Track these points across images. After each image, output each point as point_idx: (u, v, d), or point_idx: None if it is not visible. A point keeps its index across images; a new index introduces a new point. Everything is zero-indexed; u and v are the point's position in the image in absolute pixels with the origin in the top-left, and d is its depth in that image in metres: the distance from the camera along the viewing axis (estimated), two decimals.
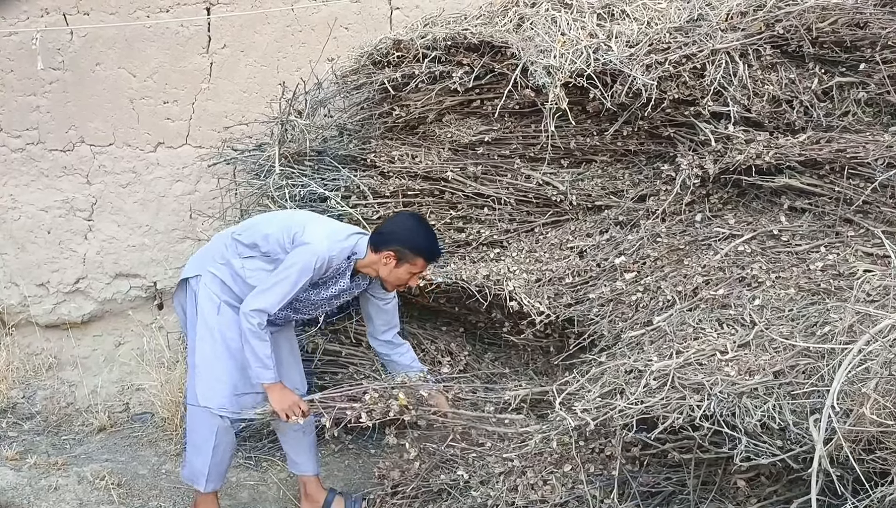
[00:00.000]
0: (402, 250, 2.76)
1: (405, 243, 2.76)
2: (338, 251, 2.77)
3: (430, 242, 2.82)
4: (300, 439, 3.05)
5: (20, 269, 4.23)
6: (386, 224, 2.89)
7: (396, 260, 2.77)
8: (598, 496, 2.65)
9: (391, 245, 2.77)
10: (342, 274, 2.85)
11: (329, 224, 2.91)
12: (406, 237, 2.77)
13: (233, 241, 2.90)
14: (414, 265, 2.80)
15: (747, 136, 3.13)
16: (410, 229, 2.81)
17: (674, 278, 3.04)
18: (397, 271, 2.80)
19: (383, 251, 2.77)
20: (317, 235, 2.77)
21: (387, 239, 2.78)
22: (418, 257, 2.79)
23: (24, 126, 4.14)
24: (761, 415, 2.20)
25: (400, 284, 2.86)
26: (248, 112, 4.07)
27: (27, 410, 4.01)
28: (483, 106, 3.47)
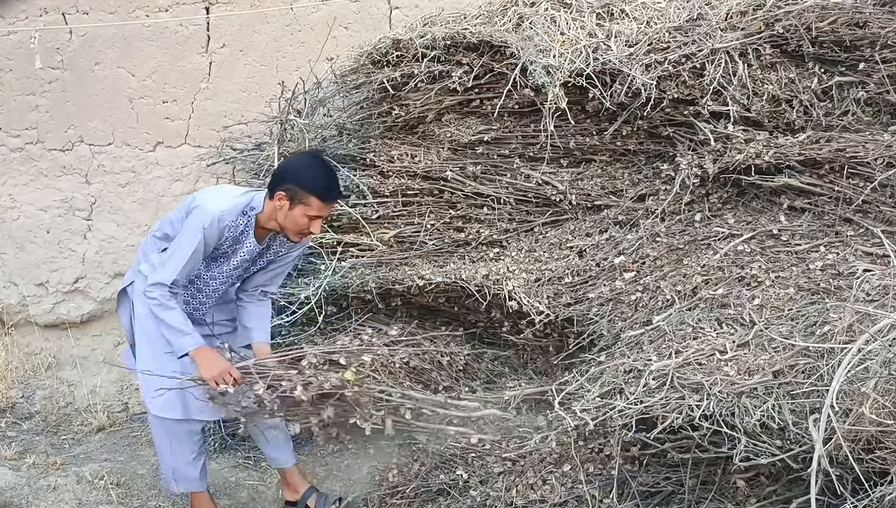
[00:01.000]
0: (293, 189, 2.57)
1: (297, 181, 2.57)
2: (228, 208, 2.61)
3: (323, 178, 2.61)
4: (273, 435, 3.00)
5: (19, 268, 4.23)
6: (282, 164, 2.72)
7: (289, 200, 2.59)
8: (598, 495, 2.65)
9: (282, 185, 2.59)
10: (245, 235, 2.70)
11: (224, 188, 2.81)
12: (299, 174, 2.59)
13: (152, 239, 2.85)
14: (308, 206, 2.59)
15: (747, 135, 3.13)
16: (302, 165, 2.63)
17: (673, 277, 3.03)
18: (292, 213, 2.60)
19: (275, 193, 2.60)
20: (205, 198, 2.65)
21: (278, 179, 2.61)
22: (311, 196, 2.58)
23: (24, 125, 4.14)
24: (761, 415, 2.20)
25: (299, 229, 2.64)
26: (248, 111, 4.07)
27: (26, 410, 4.01)
28: (482, 105, 3.47)
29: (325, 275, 3.32)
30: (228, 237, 2.67)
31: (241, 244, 2.72)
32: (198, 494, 2.96)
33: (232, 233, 2.67)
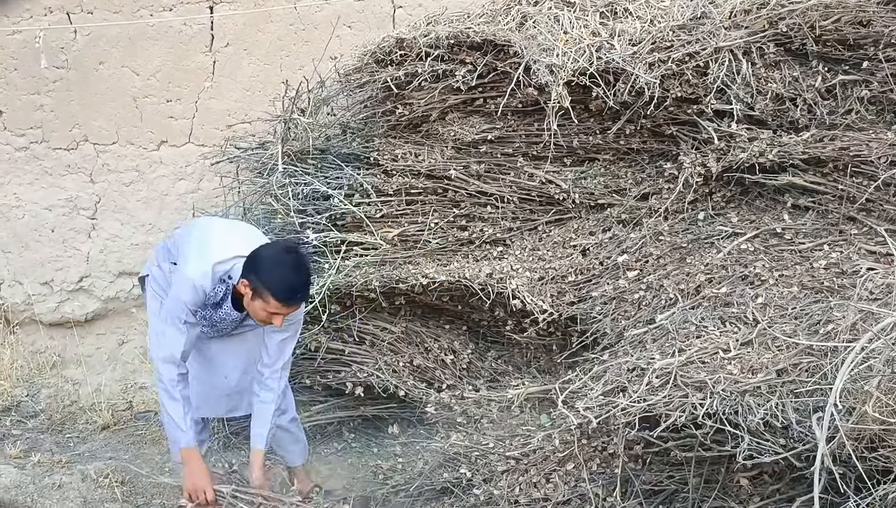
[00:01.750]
0: (256, 282, 2.47)
1: (260, 275, 2.46)
2: (205, 278, 2.54)
3: (287, 281, 2.47)
4: (282, 436, 3.03)
5: (24, 267, 4.24)
6: (257, 249, 2.55)
7: (252, 291, 2.49)
8: (601, 494, 2.65)
9: (249, 275, 2.49)
10: (224, 300, 2.65)
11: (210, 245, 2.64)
12: (263, 269, 2.46)
13: (164, 246, 2.88)
14: (267, 303, 2.47)
15: (750, 134, 3.12)
16: (272, 261, 2.48)
17: (676, 276, 3.03)
18: (253, 304, 2.50)
19: (242, 279, 2.52)
20: (189, 261, 2.58)
21: (248, 266, 2.50)
22: (269, 294, 2.46)
23: (28, 125, 4.15)
24: (764, 413, 2.20)
25: (260, 320, 2.56)
26: (251, 110, 4.07)
27: (31, 408, 4.02)
28: (486, 104, 3.47)
29: (329, 274, 3.32)
30: (210, 298, 2.63)
31: (220, 308, 2.69)
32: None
33: (211, 299, 2.63)
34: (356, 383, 3.37)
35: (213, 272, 2.56)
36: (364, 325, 3.46)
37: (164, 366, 2.59)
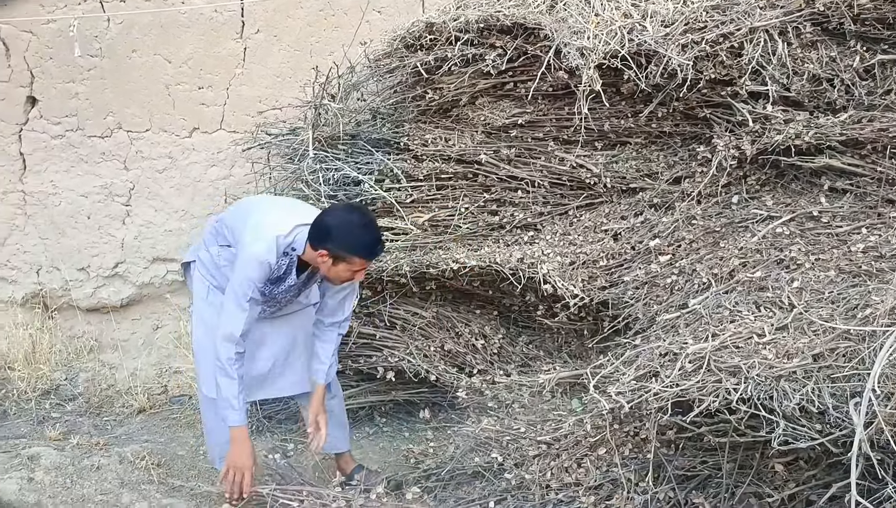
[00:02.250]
0: (337, 250, 2.57)
1: (339, 243, 2.56)
2: (271, 253, 2.60)
3: (365, 238, 2.59)
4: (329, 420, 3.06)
5: (61, 254, 4.30)
6: (320, 218, 2.63)
7: (332, 259, 2.58)
8: (633, 479, 2.64)
9: (324, 244, 2.57)
10: (287, 271, 2.71)
11: (269, 218, 2.69)
12: (340, 236, 2.56)
13: (212, 228, 2.88)
14: (352, 264, 2.60)
15: (786, 115, 3.07)
16: (343, 225, 2.57)
17: (710, 260, 3.00)
18: (336, 268, 2.61)
19: (318, 250, 2.59)
20: (252, 238, 2.62)
21: (320, 237, 2.58)
22: (354, 257, 2.58)
23: (64, 113, 4.20)
24: (800, 398, 2.17)
25: (343, 280, 2.68)
26: (282, 97, 4.09)
27: (70, 391, 4.10)
28: (516, 88, 3.45)
29: None
30: (274, 272, 2.69)
31: (284, 280, 2.75)
32: None
33: (276, 273, 2.69)
34: (387, 367, 3.39)
35: (277, 246, 2.62)
36: (395, 310, 3.47)
37: (223, 344, 2.63)
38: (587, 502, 2.66)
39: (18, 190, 4.28)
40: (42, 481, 3.08)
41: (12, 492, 2.97)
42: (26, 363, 4.08)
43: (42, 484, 3.06)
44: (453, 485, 2.99)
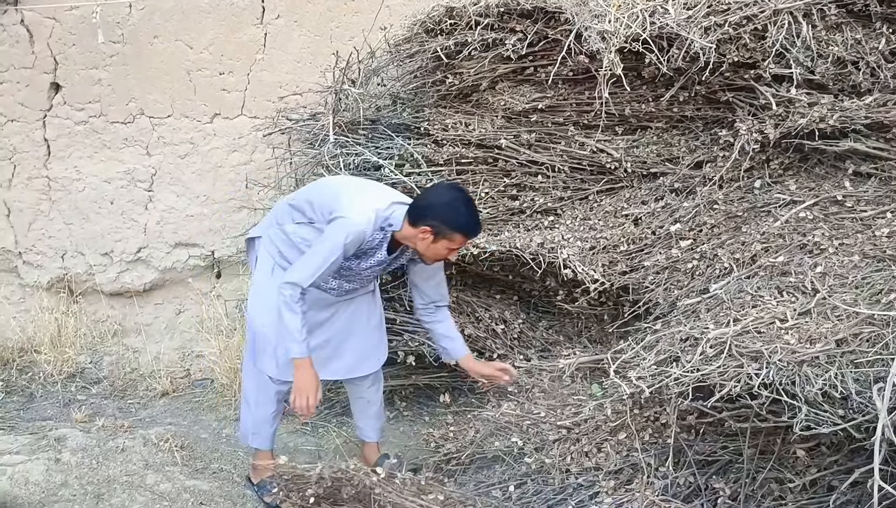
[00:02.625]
0: (440, 226, 2.64)
1: (443, 219, 2.63)
2: (370, 224, 2.68)
3: (469, 217, 2.68)
4: (364, 407, 3.13)
5: (85, 239, 4.35)
6: (424, 196, 2.76)
7: (434, 235, 2.65)
8: (653, 464, 2.64)
9: (428, 220, 2.64)
10: (378, 246, 2.77)
11: (368, 193, 2.79)
12: (444, 212, 2.64)
13: (287, 206, 2.92)
14: (452, 241, 2.68)
15: (810, 99, 3.04)
16: (449, 203, 2.66)
17: (731, 245, 2.98)
18: (435, 246, 2.68)
19: (420, 226, 2.65)
20: (350, 207, 2.67)
21: (424, 213, 2.66)
22: (456, 233, 2.67)
23: (87, 99, 4.24)
24: (822, 384, 2.16)
25: (438, 258, 2.77)
26: (302, 82, 4.10)
27: (95, 375, 4.16)
28: (536, 73, 3.43)
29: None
30: (363, 246, 2.75)
31: (373, 253, 2.80)
32: (264, 452, 3.10)
33: (368, 245, 2.75)
34: (408, 352, 3.41)
35: (376, 218, 2.68)
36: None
37: (289, 288, 2.66)
38: (607, 486, 2.66)
39: (43, 176, 4.32)
40: (69, 462, 3.13)
41: (40, 472, 3.03)
42: (52, 346, 4.14)
43: (69, 465, 3.12)
44: (473, 469, 3.01)
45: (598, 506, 2.61)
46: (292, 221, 2.88)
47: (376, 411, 3.17)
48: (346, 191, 2.78)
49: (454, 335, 3.02)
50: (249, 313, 2.97)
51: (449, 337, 3.01)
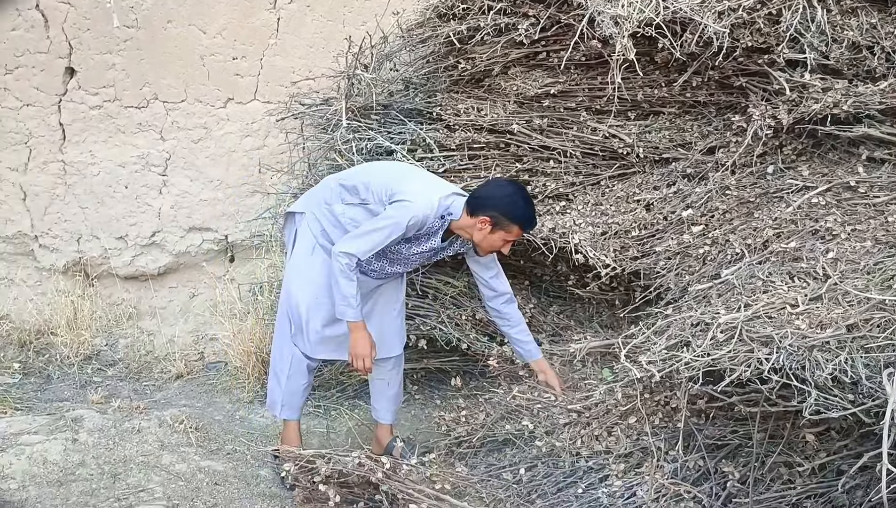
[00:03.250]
0: (499, 217, 2.74)
1: (503, 210, 2.74)
2: (433, 210, 2.77)
3: (528, 210, 2.80)
4: (383, 389, 3.17)
5: (100, 222, 4.39)
6: (484, 188, 2.87)
7: (492, 225, 2.76)
8: (663, 447, 2.66)
9: (488, 211, 2.74)
10: (434, 233, 2.85)
11: (429, 181, 2.89)
12: (504, 204, 2.74)
13: (338, 186, 2.94)
14: (509, 233, 2.78)
15: (824, 84, 3.02)
16: (509, 196, 2.77)
17: (743, 231, 2.99)
18: (491, 236, 2.78)
19: (479, 216, 2.75)
20: (414, 192, 2.76)
21: (484, 204, 2.76)
22: (514, 225, 2.77)
23: (101, 84, 4.26)
24: (832, 368, 2.17)
25: (493, 249, 2.85)
26: (315, 67, 4.11)
27: (110, 357, 4.21)
28: (549, 58, 3.43)
29: None
30: (421, 233, 2.84)
31: (426, 239, 2.88)
32: (291, 423, 3.16)
33: (426, 231, 2.84)
34: (419, 335, 3.43)
35: (439, 206, 2.78)
36: (427, 279, 3.50)
37: (345, 257, 2.74)
38: (617, 469, 2.68)
39: (59, 160, 4.36)
40: (86, 442, 3.18)
41: (58, 452, 3.08)
42: (68, 329, 4.19)
43: (86, 445, 3.16)
44: (484, 452, 3.03)
45: (608, 489, 2.63)
46: (342, 201, 2.91)
47: (395, 393, 3.20)
48: (408, 176, 2.87)
49: (527, 339, 3.07)
50: (286, 288, 3.02)
51: (523, 341, 3.07)
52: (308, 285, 2.95)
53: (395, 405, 3.23)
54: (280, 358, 3.11)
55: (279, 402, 3.12)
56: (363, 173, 2.95)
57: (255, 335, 3.83)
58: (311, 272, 2.95)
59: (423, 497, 2.66)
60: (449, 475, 2.84)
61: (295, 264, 3.01)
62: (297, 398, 3.11)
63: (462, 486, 2.84)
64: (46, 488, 2.88)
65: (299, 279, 2.98)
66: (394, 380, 3.17)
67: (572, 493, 2.67)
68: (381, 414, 3.22)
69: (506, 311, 3.06)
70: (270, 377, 3.19)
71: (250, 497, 2.94)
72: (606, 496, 2.61)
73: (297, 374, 3.06)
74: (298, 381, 3.07)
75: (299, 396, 3.11)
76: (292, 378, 3.06)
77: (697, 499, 2.52)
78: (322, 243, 2.94)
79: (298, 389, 3.09)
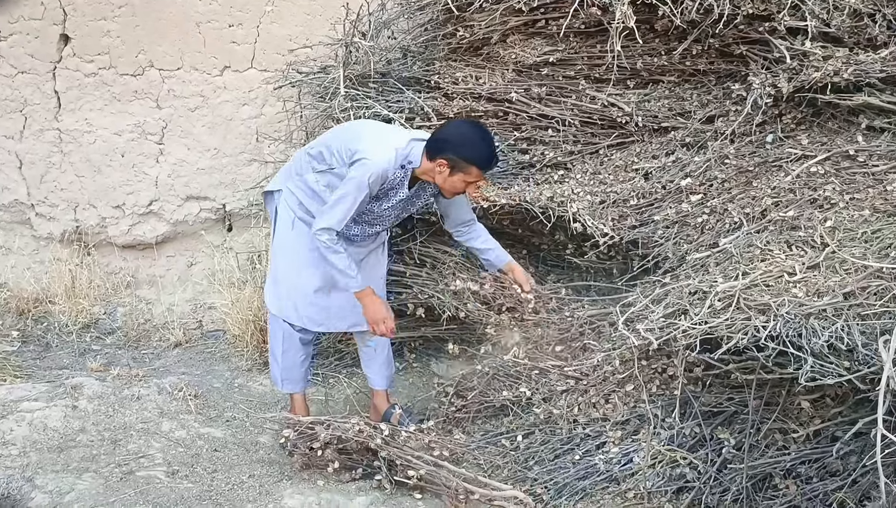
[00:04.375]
0: (455, 159, 2.73)
1: (457, 152, 2.72)
2: (391, 163, 2.76)
3: (483, 150, 2.75)
4: (372, 355, 3.18)
5: (97, 191, 4.38)
6: (441, 131, 2.85)
7: (450, 168, 2.75)
8: (660, 415, 2.68)
9: (444, 153, 2.74)
10: (400, 184, 2.86)
11: (385, 135, 2.86)
12: (458, 145, 2.72)
13: (306, 155, 2.96)
14: (468, 174, 2.76)
15: (825, 52, 3.00)
16: (463, 135, 2.75)
17: (742, 199, 2.98)
18: (452, 179, 2.77)
19: (437, 159, 2.75)
20: (370, 148, 2.75)
21: (440, 147, 2.75)
22: (471, 166, 2.74)
23: (96, 51, 4.23)
24: (829, 336, 2.18)
25: (456, 191, 2.84)
26: (312, 35, 4.07)
27: (109, 325, 4.22)
28: (548, 26, 3.40)
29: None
30: (385, 186, 2.83)
31: (394, 192, 2.88)
32: (297, 395, 3.21)
33: (389, 184, 2.83)
34: (417, 304, 3.44)
35: (396, 157, 2.77)
36: (425, 248, 3.50)
37: (324, 233, 2.76)
38: (614, 436, 2.71)
39: (54, 128, 4.33)
40: (85, 409, 3.20)
41: (58, 419, 3.10)
42: (66, 297, 4.20)
43: (86, 412, 3.18)
44: (482, 419, 3.06)
45: (605, 456, 2.66)
46: (312, 170, 2.92)
47: (385, 358, 3.21)
48: (363, 134, 2.84)
49: (493, 246, 3.11)
50: (273, 265, 3.04)
51: (489, 248, 3.11)
52: (293, 258, 2.96)
53: (388, 371, 3.25)
54: (274, 335, 3.13)
55: (279, 377, 3.15)
56: (326, 138, 2.95)
57: (254, 304, 3.84)
58: (296, 245, 2.96)
59: (422, 463, 2.69)
60: (447, 441, 2.87)
61: (279, 240, 3.03)
62: (296, 371, 3.13)
63: (460, 453, 2.88)
64: (47, 454, 2.90)
65: (283, 255, 3.00)
66: (381, 346, 3.18)
67: (569, 460, 2.71)
68: (374, 380, 3.24)
69: (470, 229, 3.10)
70: (270, 353, 3.21)
71: (249, 464, 2.96)
72: (603, 462, 2.64)
73: (292, 349, 3.08)
74: (294, 355, 3.09)
75: (298, 369, 3.13)
76: (287, 353, 3.09)
77: (693, 465, 2.55)
78: (301, 215, 2.95)
79: (296, 363, 3.11)
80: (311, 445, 2.79)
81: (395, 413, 3.11)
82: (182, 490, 2.73)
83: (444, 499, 2.65)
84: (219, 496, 2.72)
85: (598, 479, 2.62)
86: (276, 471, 2.91)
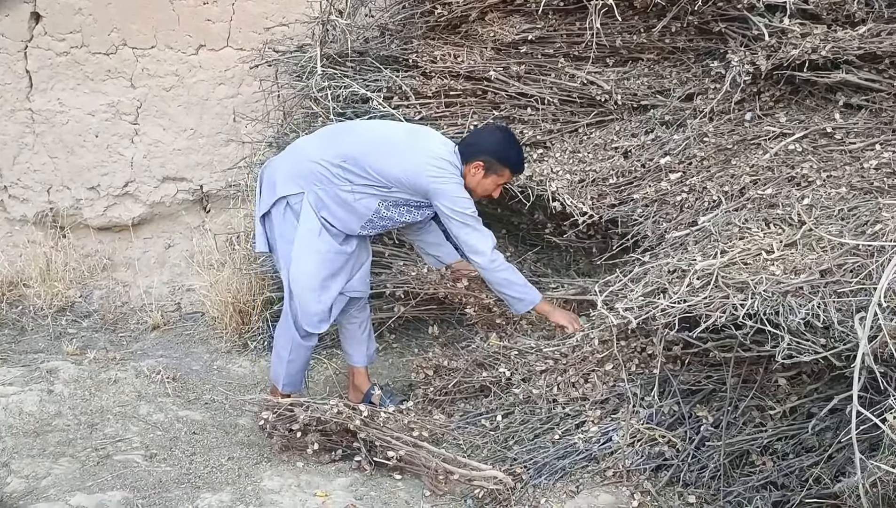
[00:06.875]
0: (492, 161, 2.86)
1: (494, 154, 2.87)
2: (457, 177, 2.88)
3: (518, 153, 2.93)
4: (356, 332, 3.16)
5: (71, 172, 4.31)
6: (475, 135, 2.99)
7: (485, 170, 2.87)
8: (639, 394, 2.69)
9: (481, 156, 2.86)
10: None
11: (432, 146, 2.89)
12: (495, 149, 2.88)
13: (340, 169, 2.84)
14: (501, 176, 2.90)
15: (803, 29, 2.99)
16: (500, 140, 2.91)
17: (720, 178, 2.98)
18: (485, 181, 2.89)
19: (472, 162, 2.86)
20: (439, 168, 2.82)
21: (477, 150, 2.88)
22: (506, 168, 2.89)
23: (68, 29, 4.15)
24: (805, 313, 2.19)
25: (485, 193, 2.95)
26: (289, 13, 4.02)
27: (85, 309, 4.17)
28: (526, 3, 3.37)
29: None
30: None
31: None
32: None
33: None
34: (396, 284, 3.42)
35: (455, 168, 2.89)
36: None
37: (496, 253, 2.91)
38: (593, 415, 2.72)
39: (26, 108, 4.26)
40: (62, 393, 3.17)
41: (33, 403, 3.06)
42: (41, 280, 4.14)
43: (62, 396, 3.15)
44: (461, 399, 3.06)
45: (584, 435, 2.67)
46: (349, 184, 2.85)
47: (363, 336, 3.19)
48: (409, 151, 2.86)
49: (442, 242, 3.16)
50: (292, 271, 2.91)
51: (438, 244, 3.16)
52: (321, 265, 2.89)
53: (367, 348, 3.23)
54: (281, 341, 3.06)
55: (282, 379, 3.08)
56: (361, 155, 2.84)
57: (233, 285, 3.80)
58: (327, 254, 2.89)
59: (401, 444, 2.69)
60: (427, 422, 2.86)
61: (302, 245, 2.89)
62: (299, 375, 3.12)
63: (439, 433, 2.87)
64: (23, 438, 2.87)
65: (305, 262, 2.89)
66: (365, 322, 3.17)
67: (549, 439, 2.71)
68: (355, 358, 3.22)
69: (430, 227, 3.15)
70: (274, 355, 3.12)
71: (228, 446, 2.95)
72: (582, 441, 2.65)
73: (298, 358, 3.05)
74: (300, 363, 3.07)
75: (301, 373, 3.13)
76: (294, 362, 3.05)
77: (672, 443, 2.56)
78: (328, 226, 2.88)
79: (301, 368, 3.10)
80: (290, 427, 2.78)
81: (374, 394, 3.10)
82: (160, 473, 2.71)
83: (423, 479, 2.64)
84: (197, 478, 2.70)
85: (578, 458, 2.62)
86: (256, 453, 2.89)
